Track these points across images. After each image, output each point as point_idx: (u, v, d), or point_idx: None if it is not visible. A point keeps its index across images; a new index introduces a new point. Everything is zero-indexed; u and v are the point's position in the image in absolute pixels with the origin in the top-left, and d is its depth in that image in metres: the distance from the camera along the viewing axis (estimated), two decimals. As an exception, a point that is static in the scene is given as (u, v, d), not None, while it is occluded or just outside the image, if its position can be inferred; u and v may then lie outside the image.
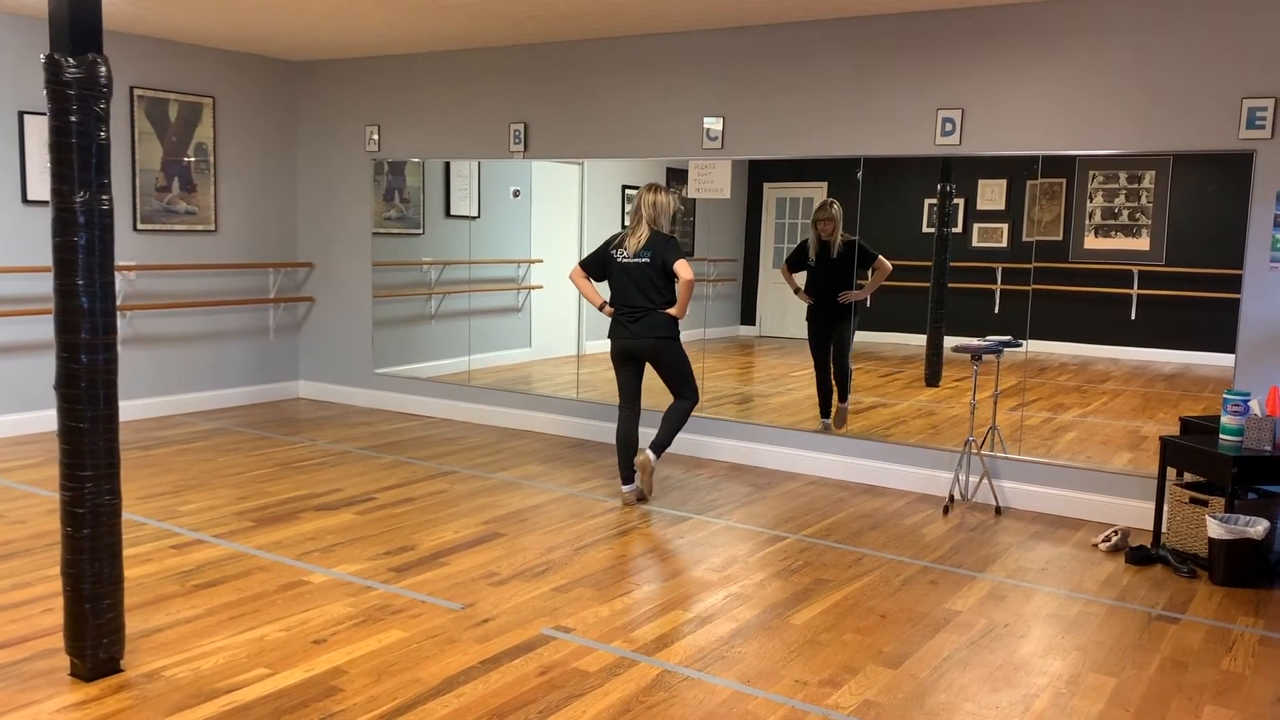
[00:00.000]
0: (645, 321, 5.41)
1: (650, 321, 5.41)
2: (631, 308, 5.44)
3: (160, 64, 7.43)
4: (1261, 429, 4.65)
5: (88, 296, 3.14)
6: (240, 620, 3.83)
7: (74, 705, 3.14)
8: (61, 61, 3.07)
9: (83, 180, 3.10)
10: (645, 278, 5.40)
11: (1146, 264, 5.85)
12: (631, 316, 5.44)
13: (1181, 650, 3.82)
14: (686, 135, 6.64)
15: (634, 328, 5.42)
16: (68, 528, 3.21)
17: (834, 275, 6.43)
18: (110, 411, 3.22)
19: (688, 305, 5.42)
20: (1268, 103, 4.95)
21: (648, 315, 5.41)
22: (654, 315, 5.41)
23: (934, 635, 3.88)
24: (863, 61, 6.02)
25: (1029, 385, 6.09)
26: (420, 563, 4.54)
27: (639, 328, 5.42)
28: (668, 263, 5.37)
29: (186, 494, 5.54)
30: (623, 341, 5.48)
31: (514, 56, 7.27)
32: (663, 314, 5.42)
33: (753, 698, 3.33)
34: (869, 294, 6.49)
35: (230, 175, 7.96)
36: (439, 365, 8.07)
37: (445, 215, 8.06)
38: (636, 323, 5.42)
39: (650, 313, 5.41)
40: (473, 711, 3.18)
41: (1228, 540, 4.49)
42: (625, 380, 5.60)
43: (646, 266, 5.40)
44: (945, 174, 6.42)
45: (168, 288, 7.61)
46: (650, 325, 5.41)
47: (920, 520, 5.43)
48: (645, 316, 5.41)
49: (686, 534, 5.08)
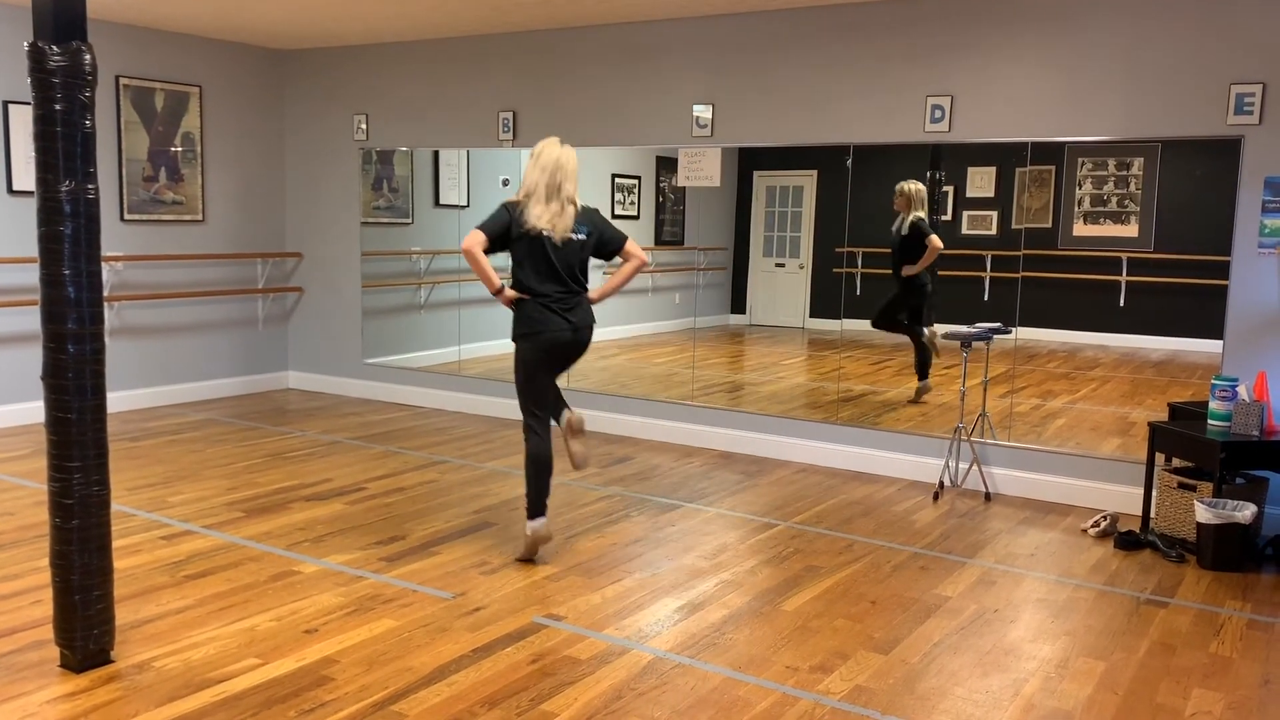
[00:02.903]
0: (581, 310, 4.46)
1: (585, 309, 4.48)
2: (564, 293, 4.40)
3: (146, 53, 7.38)
4: (1249, 414, 4.67)
5: (74, 286, 3.12)
6: (231, 610, 3.83)
7: (64, 696, 3.13)
8: (45, 50, 3.05)
9: (68, 169, 3.08)
10: (578, 258, 4.44)
11: (1135, 251, 5.87)
12: (565, 304, 4.40)
13: (1170, 634, 3.84)
14: (676, 123, 6.63)
15: (572, 317, 4.42)
16: (56, 519, 3.20)
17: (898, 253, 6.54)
18: (98, 402, 3.21)
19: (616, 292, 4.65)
20: (1255, 88, 4.96)
21: (581, 302, 4.47)
22: (585, 302, 4.50)
23: (924, 621, 3.90)
24: (852, 48, 6.01)
25: (1018, 372, 6.11)
26: (411, 552, 4.53)
27: (577, 316, 4.44)
28: (612, 242, 4.54)
29: (176, 485, 5.52)
30: (564, 334, 4.40)
31: (503, 44, 7.24)
32: (588, 299, 4.53)
33: (744, 684, 3.34)
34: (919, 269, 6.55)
35: (217, 165, 7.91)
36: (429, 355, 8.06)
37: (434, 204, 8.04)
38: (572, 311, 4.42)
39: (582, 299, 4.48)
40: (464, 700, 3.18)
41: (1215, 525, 4.52)
42: (546, 385, 4.52)
43: (583, 245, 4.44)
44: (935, 161, 6.42)
45: (155, 278, 7.57)
46: (586, 314, 4.48)
47: (910, 507, 5.45)
48: (580, 304, 4.46)
49: (677, 522, 5.08)
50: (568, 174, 4.40)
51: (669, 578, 4.30)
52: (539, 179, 4.37)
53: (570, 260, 4.41)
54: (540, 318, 4.38)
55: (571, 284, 4.42)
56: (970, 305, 6.32)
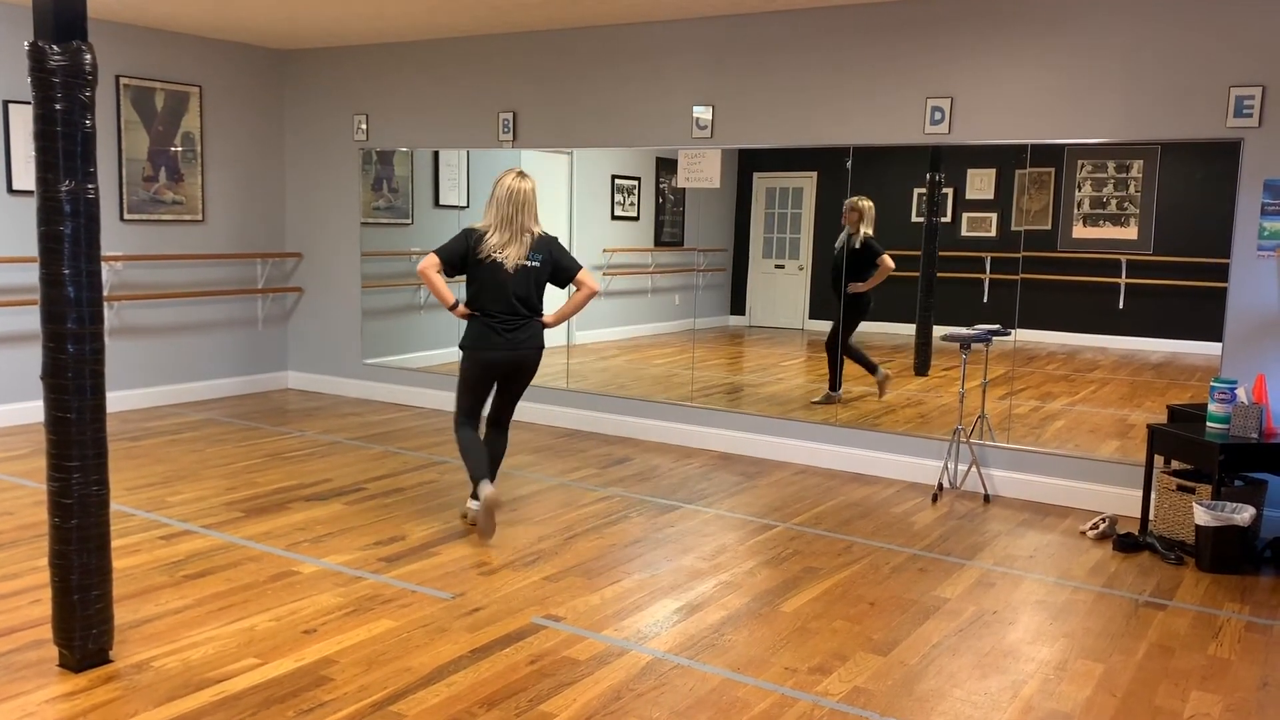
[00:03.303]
0: (526, 330, 4.73)
1: (531, 331, 4.75)
2: (511, 315, 4.69)
3: (146, 53, 7.38)
4: (1248, 416, 4.67)
5: (74, 286, 3.12)
6: (230, 610, 3.83)
7: (63, 696, 3.13)
8: (46, 49, 3.05)
9: (68, 169, 3.08)
10: (531, 284, 4.71)
11: (1134, 253, 5.87)
12: (509, 325, 4.69)
13: (1168, 636, 3.85)
14: (676, 124, 6.63)
15: (513, 337, 4.70)
16: (55, 519, 3.20)
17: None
18: (97, 402, 3.21)
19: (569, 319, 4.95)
20: (1255, 91, 4.97)
21: (528, 325, 4.74)
22: (533, 325, 4.76)
23: (923, 622, 3.90)
24: (852, 50, 6.02)
25: (1017, 374, 6.11)
26: (410, 552, 4.53)
27: (520, 338, 4.71)
28: (567, 269, 4.78)
29: (175, 485, 5.52)
30: (500, 354, 4.69)
31: (503, 45, 7.24)
32: (539, 324, 4.79)
33: (743, 685, 3.34)
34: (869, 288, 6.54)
35: (217, 165, 7.92)
36: (428, 355, 8.06)
37: (434, 205, 8.04)
38: (515, 331, 4.70)
39: (529, 322, 4.75)
40: (463, 700, 3.18)
41: (1214, 527, 4.52)
42: (483, 397, 4.86)
43: (536, 271, 4.71)
44: (934, 163, 6.43)
45: (155, 278, 7.57)
46: (532, 336, 4.75)
47: (909, 508, 5.45)
48: (525, 326, 4.73)
49: (676, 523, 5.08)
50: (520, 205, 4.66)
51: (668, 579, 4.30)
52: (494, 209, 4.69)
53: (522, 286, 4.69)
54: (481, 335, 4.70)
55: (521, 308, 4.71)
56: (970, 307, 6.32)
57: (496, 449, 4.95)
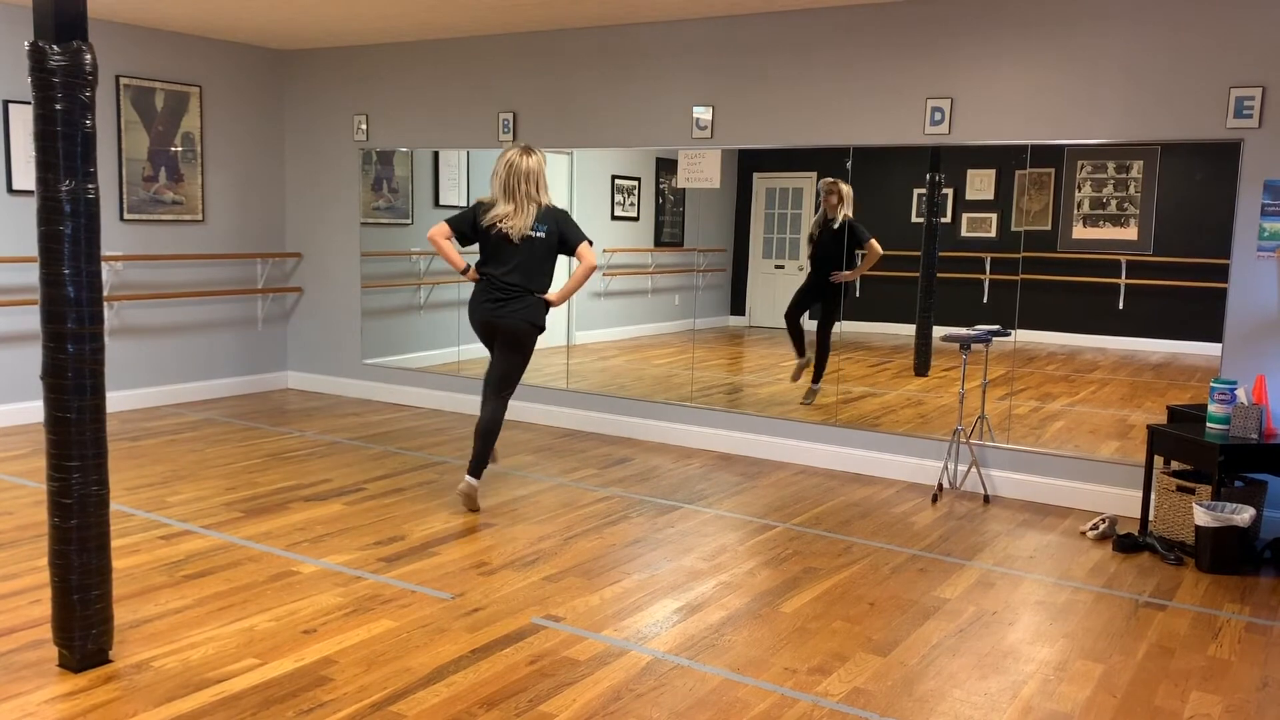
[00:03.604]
0: (519, 303, 4.87)
1: (525, 304, 4.88)
2: (508, 285, 4.85)
3: (146, 53, 7.38)
4: (1248, 417, 4.67)
5: (74, 286, 3.12)
6: (229, 611, 3.82)
7: (63, 696, 3.13)
8: (46, 49, 3.05)
9: (68, 169, 3.08)
10: (535, 255, 4.84)
11: (1134, 254, 5.87)
12: (506, 293, 4.86)
13: (1168, 637, 3.85)
14: (676, 124, 6.63)
15: (504, 300, 4.87)
16: (55, 518, 3.20)
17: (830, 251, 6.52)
18: (97, 402, 3.20)
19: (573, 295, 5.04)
20: (1255, 92, 4.97)
21: (522, 298, 4.87)
22: (528, 299, 4.88)
23: (923, 623, 3.90)
24: (852, 50, 6.02)
25: (1017, 374, 6.11)
26: (410, 553, 4.53)
27: (507, 308, 4.87)
28: (569, 241, 4.88)
29: (175, 485, 5.52)
30: (486, 317, 4.90)
31: (503, 45, 7.24)
32: (539, 300, 4.91)
33: (742, 685, 3.34)
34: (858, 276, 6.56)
35: (217, 165, 7.92)
36: (428, 356, 8.06)
37: (434, 205, 8.04)
38: (505, 303, 4.87)
39: (526, 296, 4.87)
40: (463, 700, 3.18)
41: (1214, 528, 4.52)
42: (493, 359, 5.07)
43: (541, 243, 4.84)
44: (934, 164, 6.42)
45: (155, 278, 7.57)
46: (524, 309, 4.88)
47: (909, 509, 5.45)
48: (519, 298, 4.87)
49: (676, 523, 5.08)
50: (523, 176, 4.83)
51: (668, 579, 4.30)
52: (497, 181, 4.90)
53: (527, 256, 4.86)
54: (476, 296, 4.95)
55: (519, 279, 4.86)
56: (969, 307, 6.32)
57: (489, 420, 5.00)
